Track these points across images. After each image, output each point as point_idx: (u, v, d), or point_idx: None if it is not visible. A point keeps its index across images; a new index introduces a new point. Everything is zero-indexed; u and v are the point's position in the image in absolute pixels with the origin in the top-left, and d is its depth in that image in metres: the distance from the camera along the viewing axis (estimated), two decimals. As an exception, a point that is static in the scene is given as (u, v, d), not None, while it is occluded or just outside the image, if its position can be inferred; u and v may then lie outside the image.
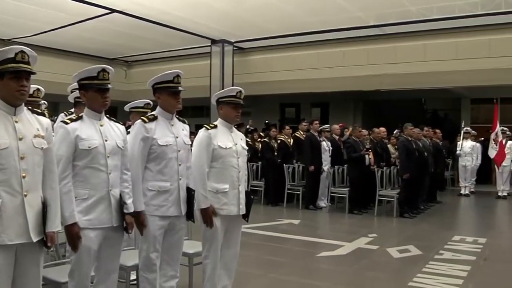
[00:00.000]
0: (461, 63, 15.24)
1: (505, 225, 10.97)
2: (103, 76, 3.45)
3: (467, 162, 14.39)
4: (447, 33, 15.71)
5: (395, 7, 13.96)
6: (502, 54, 14.72)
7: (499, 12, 13.62)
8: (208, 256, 4.24)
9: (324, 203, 11.37)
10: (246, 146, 4.48)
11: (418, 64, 15.82)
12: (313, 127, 11.33)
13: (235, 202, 4.24)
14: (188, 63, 19.17)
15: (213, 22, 15.33)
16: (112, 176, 3.43)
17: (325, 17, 14.53)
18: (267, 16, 14.53)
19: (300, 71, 17.38)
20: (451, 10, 13.86)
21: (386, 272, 6.18)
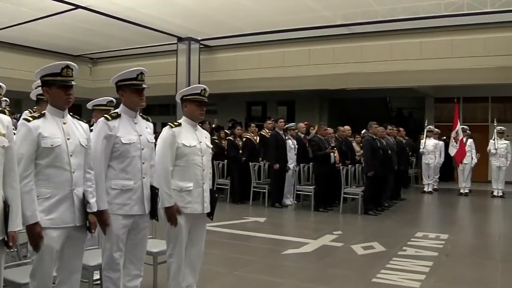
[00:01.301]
0: (425, 63, 15.51)
1: (466, 221, 11.20)
2: (66, 73, 3.39)
3: (430, 160, 14.64)
4: (412, 33, 15.97)
5: (361, 6, 14.10)
6: (464, 54, 15.04)
7: (461, 13, 13.89)
8: (172, 254, 4.22)
9: (290, 201, 11.42)
10: (210, 144, 4.47)
11: (383, 63, 16.02)
12: (279, 125, 11.37)
13: (199, 201, 4.23)
14: (154, 61, 19.06)
15: (180, 19, 15.24)
16: (75, 175, 3.37)
17: (292, 15, 14.58)
18: (234, 14, 14.52)
19: (267, 70, 17.43)
20: (416, 10, 14.07)
21: (351, 269, 6.24)
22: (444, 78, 15.42)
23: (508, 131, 14.15)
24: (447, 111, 18.15)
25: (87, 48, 19.57)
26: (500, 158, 13.78)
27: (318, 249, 7.13)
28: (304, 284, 5.50)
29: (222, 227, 8.42)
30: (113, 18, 14.44)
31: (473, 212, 12.22)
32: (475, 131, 14.89)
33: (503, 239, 8.52)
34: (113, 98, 5.20)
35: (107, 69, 19.79)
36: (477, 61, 14.85)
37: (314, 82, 17.01)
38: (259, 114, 21.47)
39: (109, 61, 20.97)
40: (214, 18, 15.01)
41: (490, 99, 18.30)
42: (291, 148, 11.31)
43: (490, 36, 15.03)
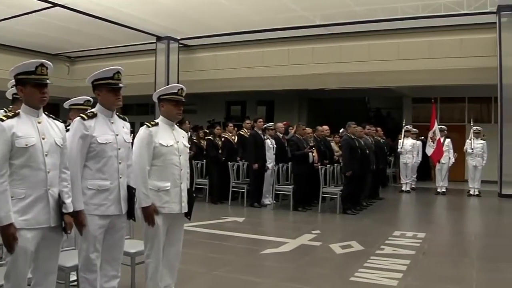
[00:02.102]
0: (403, 64, 15.67)
1: (443, 220, 11.32)
2: (41, 71, 3.34)
3: (408, 159, 14.78)
4: (390, 34, 16.12)
5: (340, 7, 14.18)
6: (441, 55, 15.23)
7: (438, 15, 14.05)
8: (150, 255, 4.20)
9: (269, 201, 11.44)
10: (188, 144, 4.45)
11: (362, 63, 16.15)
12: (257, 125, 11.38)
13: (177, 200, 4.22)
14: (133, 60, 18.99)
15: (159, 19, 15.20)
16: (50, 175, 3.33)
17: (271, 15, 14.62)
18: (213, 13, 14.51)
19: (246, 69, 17.45)
20: (394, 11, 14.20)
21: (329, 268, 6.28)
22: (422, 78, 15.60)
23: (484, 131, 14.32)
24: (425, 111, 18.32)
25: (65, 47, 19.42)
26: (476, 158, 13.94)
27: (296, 249, 7.14)
28: (282, 283, 5.50)
29: (201, 227, 8.40)
30: (92, 17, 14.34)
31: (450, 211, 12.36)
32: (452, 131, 15.06)
33: (479, 237, 8.64)
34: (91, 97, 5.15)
35: (85, 68, 19.62)
36: (453, 62, 15.06)
37: (293, 82, 17.08)
38: (239, 114, 21.45)
39: (87, 60, 20.81)
40: (193, 17, 14.98)
41: (467, 100, 18.53)
42: (270, 147, 11.33)
43: (466, 37, 15.25)
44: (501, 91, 13.92)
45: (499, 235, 8.93)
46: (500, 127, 13.99)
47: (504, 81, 13.83)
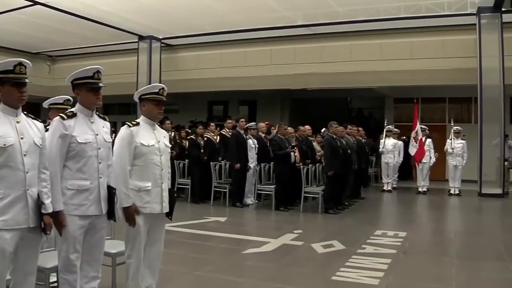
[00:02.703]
0: (385, 64, 15.77)
1: (424, 219, 11.42)
2: (19, 70, 3.30)
3: (390, 159, 14.86)
4: (372, 34, 16.21)
5: (322, 7, 14.24)
6: (422, 56, 15.37)
7: (420, 16, 14.17)
8: (131, 255, 4.17)
9: (251, 200, 11.44)
10: (169, 144, 4.43)
11: (344, 64, 16.23)
12: (239, 124, 11.38)
13: (158, 200, 4.19)
14: (115, 59, 18.91)
15: (141, 18, 15.13)
16: (29, 175, 3.29)
17: (254, 15, 14.63)
18: (195, 13, 14.48)
19: (228, 69, 17.45)
20: (376, 12, 14.30)
21: (310, 267, 6.29)
22: (403, 79, 15.72)
23: (464, 131, 14.47)
24: (406, 111, 18.48)
25: (46, 46, 19.25)
26: (456, 157, 14.08)
27: (278, 248, 7.14)
28: (264, 283, 5.50)
29: (183, 227, 8.37)
30: (73, 16, 14.24)
31: (430, 210, 12.48)
32: (433, 131, 15.19)
33: (459, 236, 8.75)
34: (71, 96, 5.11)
35: (66, 67, 19.46)
36: (435, 62, 15.20)
37: (276, 82, 17.11)
38: (221, 114, 21.45)
39: (68, 59, 20.66)
40: (175, 17, 14.94)
41: (447, 100, 18.71)
42: (252, 147, 11.33)
43: (447, 38, 15.40)
44: (481, 92, 14.08)
45: (479, 233, 9.06)
46: (480, 127, 14.15)
47: (484, 82, 14.00)
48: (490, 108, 13.97)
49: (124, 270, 4.23)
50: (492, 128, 13.98)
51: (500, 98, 13.92)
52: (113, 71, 17.07)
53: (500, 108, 13.94)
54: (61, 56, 21.19)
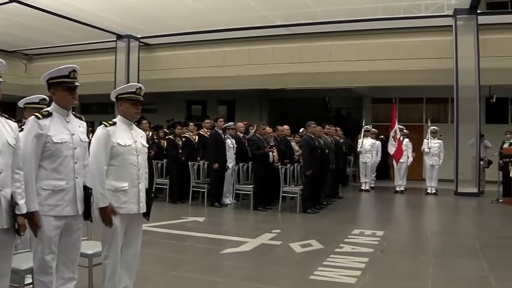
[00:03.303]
0: (363, 64, 15.88)
1: (401, 218, 11.55)
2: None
3: (367, 159, 14.95)
4: (350, 35, 16.31)
5: (301, 7, 14.28)
6: (400, 56, 15.51)
7: (397, 17, 14.29)
8: (108, 256, 4.13)
9: (229, 200, 11.42)
10: (146, 144, 4.40)
11: (322, 64, 16.30)
12: (218, 124, 11.36)
13: (135, 201, 4.16)
14: (92, 58, 18.79)
15: (119, 16, 15.04)
16: (2, 176, 3.25)
17: (232, 15, 14.62)
18: (174, 12, 14.43)
19: (207, 69, 17.42)
20: (354, 13, 14.39)
21: (288, 267, 6.29)
22: (381, 79, 15.85)
23: (441, 131, 14.64)
24: (384, 111, 18.63)
25: (22, 44, 19.02)
26: (433, 157, 14.24)
27: (256, 248, 7.15)
28: (241, 282, 5.50)
29: (161, 227, 8.33)
30: (50, 14, 14.07)
31: (408, 209, 12.59)
32: (410, 131, 15.32)
33: (436, 234, 8.84)
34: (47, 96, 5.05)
35: (43, 66, 19.21)
36: (412, 63, 15.35)
37: (254, 82, 17.12)
38: (199, 113, 21.40)
39: (45, 57, 20.42)
40: (154, 16, 14.87)
41: (425, 100, 18.90)
42: (230, 147, 11.31)
43: (424, 39, 15.57)
44: (457, 92, 14.27)
45: (455, 232, 9.18)
46: (456, 127, 14.34)
47: (460, 83, 14.19)
48: (466, 108, 14.16)
49: (101, 271, 4.20)
50: (468, 128, 14.17)
51: (476, 98, 14.12)
52: (91, 70, 16.96)
53: (475, 108, 14.14)
54: (38, 55, 20.94)
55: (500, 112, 17.78)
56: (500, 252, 7.21)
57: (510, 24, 14.76)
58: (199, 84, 17.71)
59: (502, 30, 14.84)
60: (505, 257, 6.89)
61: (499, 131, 15.00)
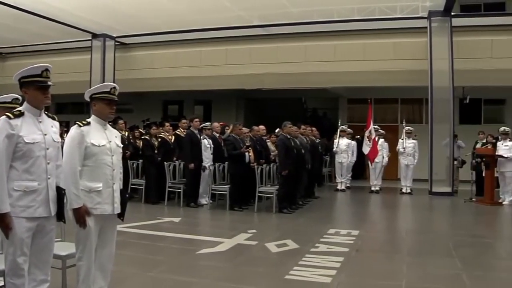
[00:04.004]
0: (339, 65, 15.99)
1: (376, 217, 11.66)
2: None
3: (343, 158, 15.04)
4: (326, 35, 16.41)
5: (277, 8, 14.32)
6: (375, 57, 15.66)
7: (373, 18, 14.42)
8: (82, 257, 4.07)
9: (205, 200, 11.39)
10: (121, 144, 4.35)
11: (299, 64, 16.37)
12: (193, 124, 11.33)
13: (109, 201, 4.12)
14: (68, 57, 18.61)
15: (94, 15, 14.91)
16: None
17: (209, 15, 14.61)
18: (150, 12, 14.36)
19: (183, 69, 17.38)
20: (330, 14, 14.47)
21: (264, 267, 6.31)
22: (357, 79, 15.97)
23: (415, 131, 14.80)
24: (360, 112, 18.76)
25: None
26: (408, 157, 14.41)
27: (232, 248, 7.15)
28: (217, 283, 5.49)
29: (136, 227, 8.27)
30: (24, 12, 13.87)
31: (383, 209, 12.72)
32: (385, 131, 15.45)
33: (410, 233, 8.93)
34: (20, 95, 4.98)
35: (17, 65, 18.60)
36: (387, 64, 15.51)
37: (231, 82, 17.13)
38: (176, 114, 21.30)
39: (19, 56, 20.13)
40: (130, 15, 14.78)
41: (400, 101, 19.09)
42: (207, 147, 11.28)
43: (399, 40, 15.75)
44: (431, 93, 14.45)
45: (429, 231, 9.31)
46: (431, 127, 14.52)
47: (435, 84, 14.38)
48: (440, 109, 14.35)
49: (75, 273, 4.14)
50: (442, 129, 14.37)
51: (450, 99, 14.32)
52: (66, 70, 16.79)
53: (449, 109, 14.34)
54: (11, 54, 20.65)
55: (473, 112, 18.05)
56: (473, 251, 7.34)
57: (483, 27, 15.05)
58: (175, 84, 17.64)
59: (475, 32, 15.10)
60: (477, 255, 7.03)
61: (472, 131, 15.27)
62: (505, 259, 6.86)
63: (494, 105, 18.69)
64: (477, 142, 14.18)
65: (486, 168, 12.51)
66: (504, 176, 12.31)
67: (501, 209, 11.86)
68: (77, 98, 16.71)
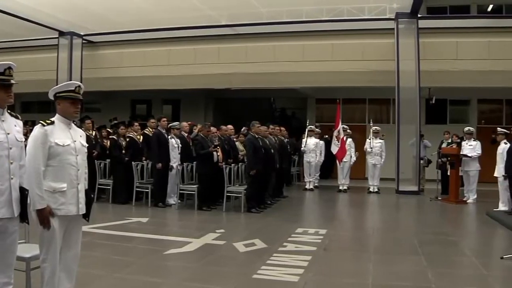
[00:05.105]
0: (307, 65, 16.08)
1: (344, 216, 11.79)
2: None
3: (311, 158, 15.11)
4: (295, 36, 16.48)
5: (246, 8, 14.34)
6: (343, 58, 15.82)
7: (341, 19, 14.56)
8: (46, 259, 4.00)
9: (174, 200, 11.32)
10: (86, 143, 4.29)
11: (267, 64, 16.42)
12: (161, 124, 11.28)
13: (74, 202, 4.05)
14: (34, 55, 18.32)
15: (61, 13, 14.69)
16: None
17: (178, 14, 14.55)
18: (119, 10, 14.24)
19: (152, 68, 17.28)
20: (299, 14, 14.54)
21: (232, 266, 6.33)
22: (325, 80, 16.10)
23: (382, 131, 14.97)
24: (328, 112, 18.91)
25: (-42, 40, 18.29)
26: (375, 156, 14.56)
27: (200, 248, 7.13)
28: (184, 283, 5.48)
29: (103, 228, 8.20)
30: (-12, 9, 13.61)
31: (350, 208, 12.84)
32: (353, 131, 15.59)
33: (377, 232, 9.05)
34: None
35: (-20, 63, 18.55)
36: (355, 64, 15.68)
37: (199, 81, 17.10)
38: (144, 113, 21.14)
39: (-17, 54, 19.70)
40: (98, 13, 14.62)
41: (367, 101, 19.28)
42: (175, 147, 11.22)
43: (367, 41, 15.93)
44: (398, 94, 14.65)
45: (395, 229, 9.48)
46: (398, 127, 14.73)
47: (401, 84, 14.58)
48: (407, 109, 14.55)
49: (39, 275, 4.07)
50: (408, 128, 14.58)
51: (416, 99, 14.53)
52: (32, 68, 16.53)
53: (416, 109, 14.55)
54: (-25, 51, 20.22)
55: (439, 113, 18.36)
56: (438, 248, 7.47)
57: (449, 29, 15.35)
58: (144, 83, 17.53)
59: (441, 34, 15.39)
60: (442, 252, 7.16)
61: (438, 131, 15.53)
62: (468, 256, 7.00)
63: (459, 105, 19.05)
64: (443, 142, 14.42)
65: (451, 167, 12.76)
66: (468, 175, 12.56)
67: (465, 207, 12.10)
68: (43, 97, 16.46)
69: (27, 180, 3.80)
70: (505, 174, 10.28)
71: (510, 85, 15.33)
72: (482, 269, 6.23)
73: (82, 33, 17.57)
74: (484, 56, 15.00)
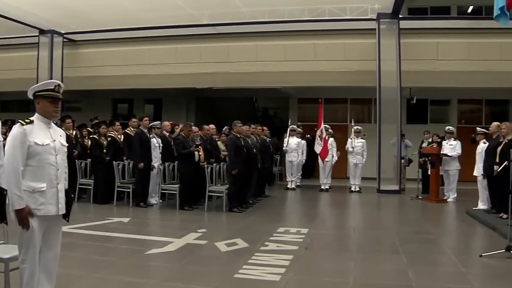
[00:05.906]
0: (289, 65, 16.13)
1: (325, 215, 11.84)
2: None
3: (293, 157, 15.16)
4: (277, 35, 16.52)
5: (228, 7, 14.35)
6: (325, 58, 15.89)
7: (323, 19, 14.62)
8: (25, 260, 3.95)
9: (155, 200, 11.27)
10: (66, 143, 4.25)
11: (249, 64, 16.44)
12: (143, 123, 11.23)
13: (53, 202, 4.01)
14: (14, 54, 18.13)
15: (42, 10, 14.56)
16: None
17: (159, 13, 14.50)
18: (100, 8, 14.16)
19: (133, 67, 17.19)
20: (281, 14, 14.58)
21: (214, 266, 6.31)
22: (307, 79, 16.16)
23: (364, 131, 15.06)
24: (310, 111, 18.97)
25: None
26: (356, 156, 14.63)
27: (182, 248, 7.11)
28: (166, 283, 5.46)
29: (84, 228, 8.15)
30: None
31: (332, 207, 12.91)
32: (335, 130, 15.66)
33: (358, 231, 9.09)
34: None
35: (-40, 62, 18.33)
36: (337, 64, 15.76)
37: (181, 81, 17.06)
38: (126, 112, 21.07)
39: (-37, 53, 19.44)
40: (79, 11, 14.50)
41: (349, 101, 19.38)
42: (156, 146, 11.18)
43: (349, 41, 16.01)
44: (379, 93, 14.75)
45: (376, 228, 9.54)
46: (379, 127, 14.83)
47: (383, 84, 14.68)
48: (388, 109, 14.65)
49: (18, 276, 4.02)
50: (389, 128, 14.69)
51: (397, 99, 14.64)
52: (12, 66, 16.37)
53: (397, 109, 14.67)
54: (-46, 50, 19.94)
55: (420, 112, 18.52)
56: (418, 247, 7.55)
57: (429, 29, 15.50)
58: (125, 82, 17.44)
59: (422, 34, 15.53)
60: (422, 251, 7.24)
61: (419, 131, 15.64)
62: (448, 255, 7.06)
63: (439, 105, 19.25)
64: (423, 141, 14.54)
65: (431, 166, 12.88)
66: (449, 174, 12.69)
67: (445, 206, 12.23)
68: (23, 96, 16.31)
69: (6, 180, 3.78)
70: (484, 173, 10.39)
71: (489, 86, 15.55)
72: (461, 267, 6.29)
73: (63, 31, 17.42)
74: (464, 57, 15.17)
